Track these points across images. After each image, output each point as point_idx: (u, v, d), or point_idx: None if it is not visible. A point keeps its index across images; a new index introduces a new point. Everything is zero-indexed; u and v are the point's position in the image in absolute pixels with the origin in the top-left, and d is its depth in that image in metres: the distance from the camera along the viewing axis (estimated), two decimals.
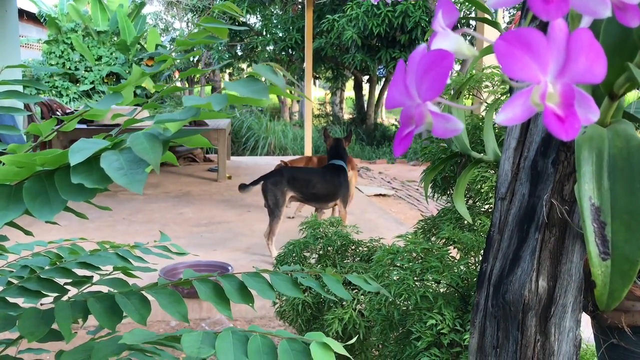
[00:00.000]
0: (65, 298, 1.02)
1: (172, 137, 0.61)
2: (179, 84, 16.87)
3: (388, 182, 8.55)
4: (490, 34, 4.31)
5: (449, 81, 2.28)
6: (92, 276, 1.13)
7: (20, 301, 1.07)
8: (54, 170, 0.68)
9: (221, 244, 4.62)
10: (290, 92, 0.77)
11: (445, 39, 0.45)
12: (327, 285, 0.97)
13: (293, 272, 0.99)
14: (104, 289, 1.04)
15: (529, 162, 0.93)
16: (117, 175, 0.59)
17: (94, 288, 1.10)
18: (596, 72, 0.41)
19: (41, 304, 1.04)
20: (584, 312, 1.01)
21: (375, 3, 10.07)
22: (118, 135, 0.73)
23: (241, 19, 13.08)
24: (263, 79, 0.64)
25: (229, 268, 3.65)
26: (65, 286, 1.09)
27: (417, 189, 7.85)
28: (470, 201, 1.91)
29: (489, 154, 1.32)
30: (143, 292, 0.94)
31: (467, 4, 11.32)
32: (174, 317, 0.89)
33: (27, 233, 0.97)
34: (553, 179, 0.89)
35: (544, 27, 0.77)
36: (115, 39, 14.14)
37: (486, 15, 1.75)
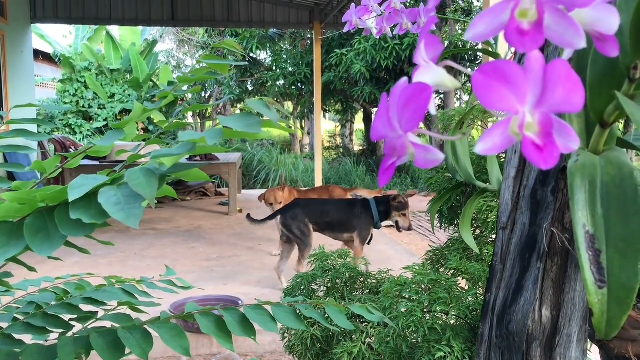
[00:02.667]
0: (70, 334, 1.03)
1: (168, 171, 0.62)
2: (191, 119, 17.06)
3: None
4: None
5: (453, 112, 2.30)
6: (97, 312, 1.14)
7: (28, 338, 1.07)
8: (55, 207, 0.70)
9: (232, 278, 4.61)
10: (290, 126, 0.78)
11: (428, 72, 0.46)
12: (331, 316, 0.97)
13: (296, 304, 0.99)
14: (109, 324, 1.04)
15: (529, 190, 0.93)
16: (114, 210, 0.60)
17: (99, 323, 1.10)
18: (574, 101, 0.42)
19: (46, 340, 1.04)
20: (592, 342, 1.00)
21: (378, 37, 10.15)
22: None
23: (251, 54, 13.28)
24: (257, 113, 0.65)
25: (239, 302, 3.63)
26: (70, 322, 1.10)
27: (429, 220, 7.82)
28: (478, 231, 1.90)
29: (494, 184, 1.33)
30: (146, 327, 0.95)
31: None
32: (176, 351, 0.89)
33: (31, 269, 0.98)
34: (553, 207, 0.89)
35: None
36: (128, 76, 14.39)
37: (488, 48, 1.77)
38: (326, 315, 0.99)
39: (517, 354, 0.92)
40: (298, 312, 0.97)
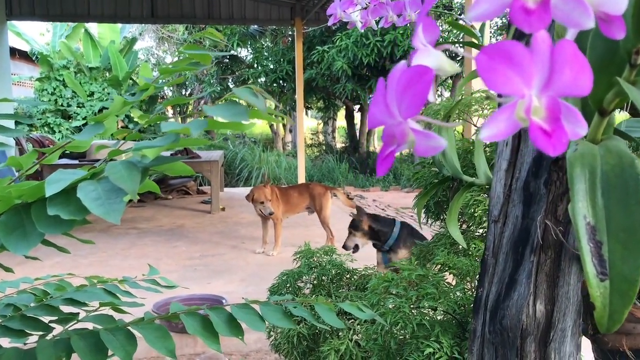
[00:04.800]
0: (49, 336, 0.99)
1: (150, 164, 0.59)
2: (170, 115, 16.91)
3: (382, 209, 8.53)
4: None
5: (439, 106, 2.28)
6: (78, 313, 1.10)
7: (5, 341, 1.03)
8: (31, 203, 0.66)
9: (215, 277, 4.56)
10: (278, 116, 0.75)
11: (427, 56, 0.44)
12: (319, 314, 0.94)
13: (284, 302, 0.96)
14: (91, 325, 1.01)
15: (521, 183, 0.91)
16: (94, 206, 0.57)
17: (81, 325, 1.07)
18: (581, 84, 0.39)
19: (25, 344, 1.01)
20: (583, 336, 0.98)
21: (359, 34, 10.17)
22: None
23: (232, 51, 13.20)
24: (244, 103, 0.62)
25: (223, 301, 3.59)
26: (50, 324, 1.06)
27: (412, 216, 7.83)
28: (464, 225, 1.89)
29: (481, 177, 1.31)
30: (129, 328, 0.91)
31: (453, 30, 11.43)
32: (161, 353, 0.85)
33: (7, 270, 0.95)
34: (546, 199, 0.88)
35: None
36: (107, 74, 14.21)
37: (473, 40, 1.75)
38: (314, 313, 0.96)
39: (511, 350, 0.90)
40: (286, 310, 0.94)
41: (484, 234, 1.88)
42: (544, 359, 0.89)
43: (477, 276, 1.72)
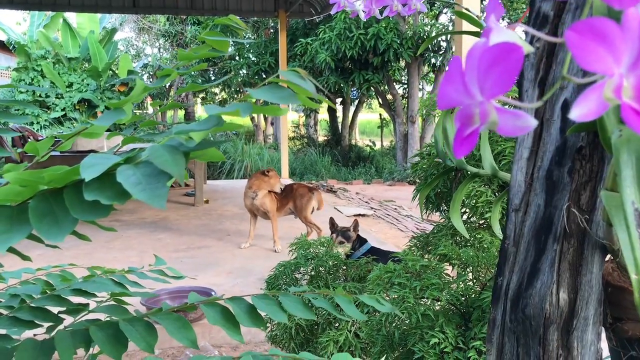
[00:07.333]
0: (61, 327, 0.97)
1: (194, 148, 0.57)
2: (150, 109, 16.73)
3: (366, 202, 8.54)
4: None
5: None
6: (88, 303, 1.08)
7: (4, 332, 1.00)
8: (60, 189, 0.64)
9: (202, 269, 4.53)
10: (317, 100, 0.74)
11: (502, 33, 0.43)
12: (339, 306, 0.93)
13: (303, 293, 0.95)
14: (101, 316, 0.99)
15: (544, 172, 0.91)
16: (136, 191, 0.55)
17: (91, 316, 1.04)
18: None
19: (35, 335, 0.98)
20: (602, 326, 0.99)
21: (365, 19, 10.06)
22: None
23: None
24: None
25: (212, 293, 3.57)
26: (59, 315, 1.03)
27: (396, 209, 7.86)
28: (465, 216, 1.89)
29: (486, 168, 1.30)
30: (147, 318, 0.89)
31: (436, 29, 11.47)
32: (183, 343, 0.84)
33: (25, 258, 0.92)
34: (569, 188, 0.87)
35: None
36: (87, 65, 14.00)
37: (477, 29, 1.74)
38: (336, 305, 0.95)
39: (533, 339, 0.90)
40: (307, 301, 0.93)
41: (485, 225, 1.89)
42: (566, 347, 0.89)
43: (479, 267, 1.72)
